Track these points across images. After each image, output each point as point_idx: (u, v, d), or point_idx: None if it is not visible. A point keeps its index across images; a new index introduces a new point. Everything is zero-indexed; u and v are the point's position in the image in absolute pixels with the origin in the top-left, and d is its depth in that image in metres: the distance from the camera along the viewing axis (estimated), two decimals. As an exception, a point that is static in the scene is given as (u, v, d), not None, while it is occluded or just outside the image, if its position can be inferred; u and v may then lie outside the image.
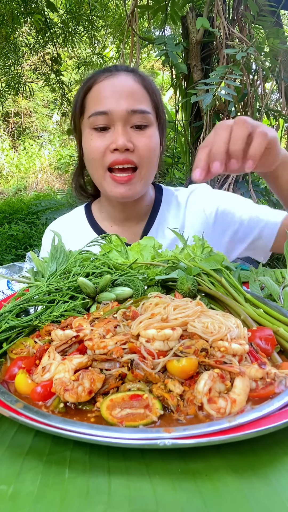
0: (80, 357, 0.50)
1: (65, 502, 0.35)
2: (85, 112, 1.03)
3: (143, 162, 0.99)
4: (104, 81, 0.99)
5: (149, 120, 1.00)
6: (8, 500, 0.36)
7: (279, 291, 0.73)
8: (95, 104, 0.98)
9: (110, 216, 1.17)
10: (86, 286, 0.68)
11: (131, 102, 0.97)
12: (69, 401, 0.45)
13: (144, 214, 1.16)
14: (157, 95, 1.05)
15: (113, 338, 0.52)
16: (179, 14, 2.34)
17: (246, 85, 2.13)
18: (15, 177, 8.74)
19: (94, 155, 1.00)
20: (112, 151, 0.97)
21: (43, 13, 3.04)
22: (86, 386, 0.45)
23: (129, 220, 1.15)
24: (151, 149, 1.00)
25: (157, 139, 1.04)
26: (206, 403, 0.43)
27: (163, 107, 1.09)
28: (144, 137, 0.99)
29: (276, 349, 0.57)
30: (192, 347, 0.49)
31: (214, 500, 0.35)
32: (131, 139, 0.97)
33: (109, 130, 0.98)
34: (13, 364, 0.54)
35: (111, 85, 0.98)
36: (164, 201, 1.19)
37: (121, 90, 0.97)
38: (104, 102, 0.97)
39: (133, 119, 0.97)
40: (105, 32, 3.82)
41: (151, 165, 1.02)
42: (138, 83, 1.01)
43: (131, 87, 0.99)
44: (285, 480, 0.37)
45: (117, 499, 0.35)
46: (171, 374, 0.48)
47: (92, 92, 1.01)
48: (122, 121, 0.97)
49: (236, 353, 0.50)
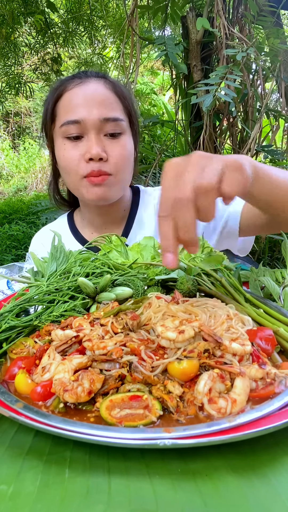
0: (80, 358, 0.50)
1: (65, 501, 0.35)
2: (56, 120, 1.01)
3: (117, 170, 1.00)
4: (75, 89, 0.98)
5: (122, 128, 1.00)
6: (8, 500, 0.36)
7: (279, 291, 0.73)
8: (67, 113, 0.97)
9: (90, 223, 1.18)
10: (86, 286, 0.68)
11: (103, 110, 0.96)
12: (68, 401, 0.45)
13: (122, 218, 1.17)
14: (128, 101, 1.04)
15: (113, 339, 0.52)
16: (179, 14, 2.34)
17: (246, 85, 2.13)
18: (15, 177, 8.73)
19: (68, 164, 0.99)
20: (87, 161, 0.96)
21: (44, 13, 3.04)
22: (86, 386, 0.45)
23: (108, 225, 1.16)
24: (125, 157, 1.01)
25: (131, 146, 1.04)
26: (206, 403, 0.43)
27: (135, 112, 1.08)
28: (118, 146, 0.99)
29: (276, 349, 0.57)
30: (195, 350, 0.49)
31: (214, 500, 0.35)
32: (105, 148, 0.97)
33: (82, 139, 0.98)
34: (13, 364, 0.54)
35: (82, 93, 0.97)
36: (142, 202, 1.19)
37: (93, 98, 0.96)
38: (75, 110, 0.95)
39: (106, 127, 0.97)
40: (105, 32, 3.82)
41: (125, 172, 1.03)
42: (110, 90, 1.00)
43: (102, 94, 0.98)
44: (285, 480, 0.37)
45: (117, 499, 0.35)
46: (172, 376, 0.48)
47: (62, 100, 0.99)
48: (95, 129, 0.96)
49: (236, 353, 0.50)
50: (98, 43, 3.93)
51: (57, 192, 1.22)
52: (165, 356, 0.50)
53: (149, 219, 1.16)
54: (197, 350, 0.49)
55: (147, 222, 1.16)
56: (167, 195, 0.50)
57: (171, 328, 0.51)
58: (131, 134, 1.05)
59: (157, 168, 2.68)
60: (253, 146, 2.16)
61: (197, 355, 0.48)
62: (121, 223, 1.17)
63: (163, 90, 7.18)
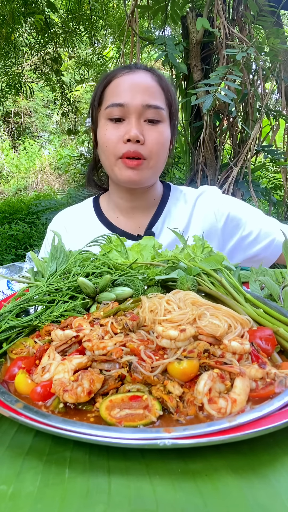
0: (79, 358, 0.50)
1: (65, 501, 0.35)
2: (103, 103, 1.08)
3: (151, 155, 1.04)
4: (123, 76, 1.05)
5: (161, 116, 1.05)
6: (8, 500, 0.36)
7: (279, 291, 0.73)
8: (113, 96, 1.04)
9: (117, 206, 1.20)
10: (86, 286, 0.68)
11: (146, 97, 1.02)
12: (68, 401, 0.45)
13: (151, 206, 1.20)
14: (171, 94, 1.10)
15: (113, 339, 0.52)
16: (179, 14, 2.34)
17: (246, 85, 2.13)
18: (15, 177, 8.73)
19: (108, 144, 1.05)
20: (125, 142, 1.02)
21: (44, 13, 3.04)
22: (86, 386, 0.45)
23: (136, 211, 1.18)
24: (161, 143, 1.05)
25: (168, 135, 1.08)
26: (206, 403, 0.43)
27: (176, 106, 1.13)
28: (155, 131, 1.04)
29: (276, 349, 0.57)
30: (195, 350, 0.49)
31: (214, 500, 0.35)
32: (143, 132, 1.02)
33: (124, 122, 1.04)
34: (13, 364, 0.54)
35: (129, 80, 1.04)
36: (172, 196, 1.22)
37: (138, 85, 1.03)
38: (121, 95, 1.02)
39: (147, 113, 1.02)
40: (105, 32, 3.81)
41: (159, 158, 1.07)
42: (155, 81, 1.06)
43: (148, 83, 1.04)
44: (285, 480, 0.37)
45: (117, 499, 0.35)
46: (172, 376, 0.48)
47: (111, 85, 1.06)
48: (136, 113, 1.02)
49: (235, 351, 0.50)
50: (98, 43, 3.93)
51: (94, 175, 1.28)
52: (165, 356, 0.50)
53: (177, 214, 1.18)
54: (197, 350, 0.49)
55: (175, 216, 1.18)
56: None
57: (171, 327, 0.51)
58: (169, 125, 1.10)
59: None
60: (253, 146, 2.16)
61: (197, 355, 0.48)
62: (149, 211, 1.19)
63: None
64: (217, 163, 2.33)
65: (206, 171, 2.32)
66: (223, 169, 2.38)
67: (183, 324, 0.53)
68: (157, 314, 0.57)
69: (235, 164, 2.19)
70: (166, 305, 0.58)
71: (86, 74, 3.92)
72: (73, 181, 5.60)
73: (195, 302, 0.60)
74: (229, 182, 2.11)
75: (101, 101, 1.09)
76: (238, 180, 2.23)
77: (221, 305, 0.61)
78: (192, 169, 2.45)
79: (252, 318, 0.62)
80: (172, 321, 0.54)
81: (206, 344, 0.50)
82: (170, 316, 0.55)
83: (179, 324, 0.53)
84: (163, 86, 1.07)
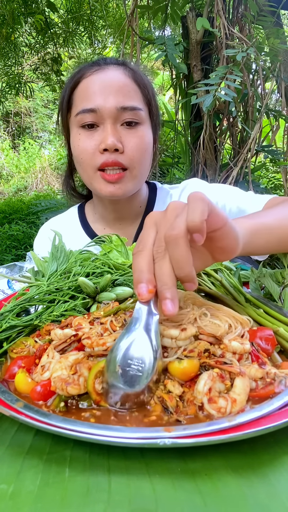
0: (75, 354, 0.50)
1: (65, 500, 0.35)
2: (73, 109, 0.97)
3: (133, 163, 0.94)
4: (92, 76, 0.94)
5: (140, 117, 0.94)
6: (9, 499, 0.36)
7: (279, 291, 0.73)
8: (83, 101, 0.93)
9: (103, 217, 1.12)
10: (87, 285, 0.69)
11: (121, 99, 0.91)
12: (72, 394, 0.45)
13: (137, 215, 1.12)
14: (149, 90, 0.98)
15: (112, 335, 0.52)
16: (179, 14, 2.34)
17: (246, 85, 2.13)
18: (15, 177, 8.73)
19: (83, 156, 0.95)
20: (102, 152, 0.92)
21: (44, 13, 3.04)
22: (86, 375, 0.46)
23: (122, 221, 1.11)
24: (142, 149, 0.95)
25: (149, 137, 0.98)
26: (206, 402, 0.43)
27: (156, 102, 1.02)
28: (134, 137, 0.93)
29: (276, 349, 0.57)
30: (195, 350, 0.49)
31: (214, 500, 0.35)
32: (121, 139, 0.92)
33: (98, 129, 0.93)
34: (13, 363, 0.54)
35: (99, 80, 0.92)
36: (158, 200, 1.15)
37: (110, 85, 0.91)
38: (92, 98, 0.91)
39: (123, 116, 0.92)
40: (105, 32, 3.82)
41: (142, 165, 0.97)
42: (129, 77, 0.94)
43: (121, 81, 0.92)
44: (285, 480, 0.37)
45: (117, 498, 0.35)
46: (172, 375, 0.48)
47: (79, 87, 0.95)
48: (111, 118, 0.91)
49: (235, 351, 0.50)
50: (98, 43, 3.93)
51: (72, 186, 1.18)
52: (165, 355, 0.50)
53: None
54: (197, 350, 0.49)
55: None
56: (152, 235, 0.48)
57: (172, 326, 0.51)
58: (150, 125, 0.99)
59: (157, 168, 2.68)
60: (253, 146, 2.16)
61: (197, 355, 0.48)
62: (136, 219, 1.11)
63: (163, 90, 7.19)
64: (217, 163, 2.33)
65: (206, 171, 2.32)
66: (223, 169, 2.38)
67: (183, 323, 0.53)
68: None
69: (235, 164, 2.19)
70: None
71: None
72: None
73: (195, 302, 0.60)
74: (229, 182, 2.11)
75: (70, 106, 0.98)
76: (238, 180, 2.23)
77: (222, 305, 0.61)
78: (192, 169, 2.45)
79: (252, 318, 0.62)
80: (172, 320, 0.54)
81: (206, 343, 0.50)
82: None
83: (179, 324, 0.53)
84: (138, 82, 0.95)
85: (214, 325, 0.54)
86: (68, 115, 1.00)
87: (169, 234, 0.45)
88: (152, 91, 1.00)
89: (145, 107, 0.97)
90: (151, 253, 0.47)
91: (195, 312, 0.56)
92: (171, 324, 0.52)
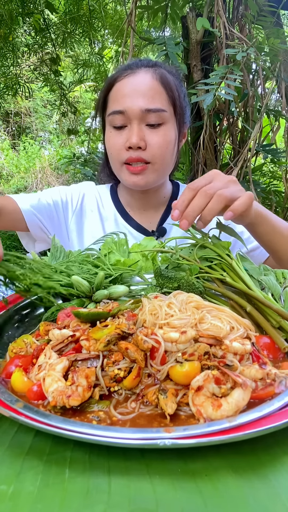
0: (60, 362, 0.49)
1: (65, 501, 0.35)
2: (107, 108, 1.09)
3: (155, 159, 1.05)
4: (124, 80, 1.05)
5: (163, 118, 1.04)
6: (9, 500, 0.36)
7: (280, 291, 0.73)
8: (114, 103, 1.05)
9: (128, 204, 1.23)
10: (81, 284, 0.68)
11: (146, 101, 1.01)
12: (75, 405, 0.44)
13: (161, 204, 1.23)
14: (175, 91, 1.07)
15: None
16: (179, 14, 2.34)
17: (246, 85, 2.13)
18: (15, 177, 8.72)
19: (112, 151, 1.08)
20: (127, 149, 1.03)
21: (42, 14, 3.03)
22: (84, 384, 0.45)
23: (146, 209, 1.22)
24: (164, 147, 1.05)
25: (172, 136, 1.07)
26: (191, 397, 0.43)
27: (181, 101, 1.11)
28: (157, 135, 1.04)
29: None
30: (195, 353, 0.49)
31: (214, 500, 0.35)
32: (145, 137, 1.03)
33: (126, 128, 1.05)
34: (10, 362, 0.54)
35: (129, 84, 1.03)
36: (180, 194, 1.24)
37: (138, 88, 1.02)
38: (121, 101, 1.03)
39: (148, 117, 1.02)
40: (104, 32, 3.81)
41: (164, 160, 1.07)
42: (156, 79, 1.04)
43: (148, 85, 1.02)
44: (285, 480, 0.37)
45: (117, 499, 0.35)
46: (174, 379, 0.48)
47: (113, 90, 1.07)
48: (137, 119, 1.02)
49: (236, 352, 0.50)
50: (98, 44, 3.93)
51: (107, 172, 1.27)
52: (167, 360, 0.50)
53: None
54: (197, 353, 0.48)
55: None
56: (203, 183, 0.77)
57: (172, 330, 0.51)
58: (174, 124, 1.09)
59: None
60: (253, 146, 2.16)
61: (197, 358, 0.48)
62: (160, 208, 1.23)
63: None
64: (217, 163, 2.33)
65: (206, 171, 2.31)
66: (223, 169, 2.38)
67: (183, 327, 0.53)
68: (158, 318, 0.57)
69: (235, 164, 2.19)
70: (167, 309, 0.58)
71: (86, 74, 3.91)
72: (73, 181, 5.60)
73: (199, 306, 0.60)
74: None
75: (105, 106, 1.11)
76: (238, 180, 2.22)
77: (225, 307, 0.61)
78: (192, 169, 2.45)
79: (261, 302, 0.63)
80: (173, 326, 0.54)
81: (206, 346, 0.50)
82: (171, 319, 0.55)
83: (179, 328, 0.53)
84: (165, 84, 1.05)
85: (215, 327, 0.54)
86: (104, 114, 1.13)
87: (220, 192, 0.74)
88: (179, 91, 1.09)
89: (170, 107, 1.06)
90: (196, 193, 0.76)
91: (196, 317, 0.55)
92: (171, 329, 0.52)
